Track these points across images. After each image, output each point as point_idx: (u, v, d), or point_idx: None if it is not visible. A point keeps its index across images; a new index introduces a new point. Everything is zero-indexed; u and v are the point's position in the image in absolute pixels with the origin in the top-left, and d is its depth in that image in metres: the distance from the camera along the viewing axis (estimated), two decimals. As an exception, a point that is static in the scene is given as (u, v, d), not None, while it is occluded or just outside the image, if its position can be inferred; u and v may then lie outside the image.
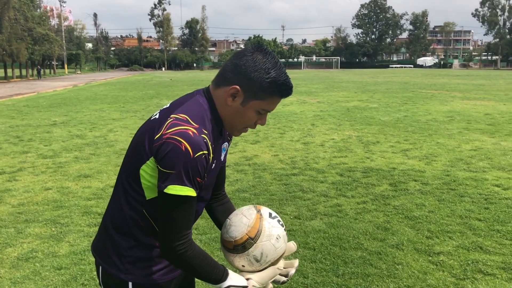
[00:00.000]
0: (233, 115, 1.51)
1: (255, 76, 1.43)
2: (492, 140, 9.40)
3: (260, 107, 1.48)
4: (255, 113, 1.50)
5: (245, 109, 1.48)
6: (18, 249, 4.16)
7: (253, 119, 1.52)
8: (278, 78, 1.45)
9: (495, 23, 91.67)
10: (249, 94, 1.46)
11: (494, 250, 3.99)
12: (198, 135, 1.38)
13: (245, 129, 1.57)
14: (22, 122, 12.92)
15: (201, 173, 1.40)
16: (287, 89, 1.49)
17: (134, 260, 1.54)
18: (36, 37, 48.04)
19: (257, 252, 1.54)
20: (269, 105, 1.50)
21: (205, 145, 1.39)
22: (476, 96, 20.50)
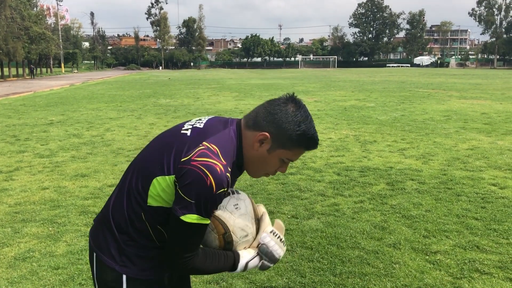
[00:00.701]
0: (256, 160, 1.55)
1: (286, 127, 1.49)
2: (489, 139, 9.43)
3: (285, 156, 1.53)
4: (278, 161, 1.55)
5: (270, 157, 1.53)
6: (15, 248, 4.15)
7: (275, 167, 1.57)
8: (307, 132, 1.51)
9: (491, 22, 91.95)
10: (277, 143, 1.51)
11: (490, 249, 4.00)
12: (224, 173, 1.42)
13: (266, 175, 1.61)
14: (19, 121, 12.88)
15: (217, 206, 1.48)
16: (314, 144, 1.55)
17: (131, 255, 1.56)
18: (32, 36, 47.85)
19: (240, 232, 1.57)
20: (293, 156, 1.55)
21: (227, 183, 1.43)
22: (473, 95, 20.56)
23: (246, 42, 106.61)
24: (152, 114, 14.37)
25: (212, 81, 36.59)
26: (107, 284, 1.57)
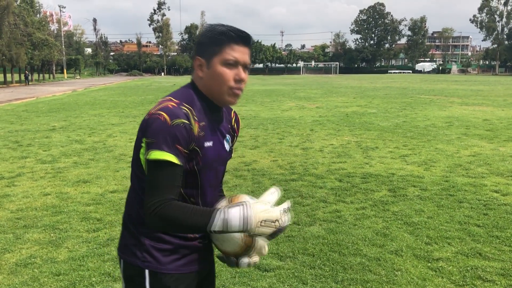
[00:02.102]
0: (209, 83, 1.59)
1: (205, 38, 1.57)
2: (491, 145, 9.41)
3: (222, 58, 1.55)
4: (223, 67, 1.55)
5: (213, 70, 1.56)
6: (17, 255, 4.15)
7: (226, 74, 1.56)
8: (222, 28, 1.55)
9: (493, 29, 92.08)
10: (208, 56, 1.57)
11: (493, 257, 3.99)
12: (177, 107, 1.51)
13: (231, 90, 1.59)
14: (21, 127, 12.91)
15: (181, 141, 1.48)
16: (235, 31, 1.55)
17: (150, 249, 1.60)
18: (35, 42, 48.10)
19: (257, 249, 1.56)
20: (229, 54, 1.55)
21: (184, 116, 1.50)
22: (475, 101, 20.55)
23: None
24: (154, 120, 14.36)
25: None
26: (133, 279, 1.63)
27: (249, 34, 1.59)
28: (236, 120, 1.83)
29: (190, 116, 1.51)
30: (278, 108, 18.35)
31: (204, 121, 1.57)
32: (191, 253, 1.65)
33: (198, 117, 1.55)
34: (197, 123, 1.54)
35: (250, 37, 1.59)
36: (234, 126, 1.82)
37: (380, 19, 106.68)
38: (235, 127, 1.82)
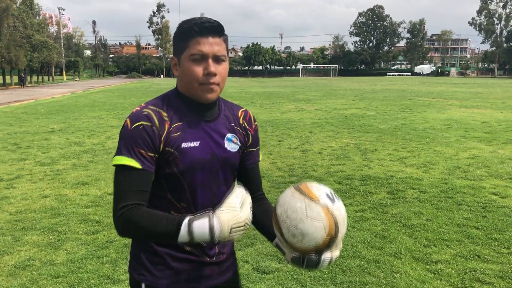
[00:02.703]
0: (183, 81, 1.54)
1: (175, 35, 1.54)
2: (490, 148, 9.43)
3: (189, 54, 1.48)
4: (191, 62, 1.48)
5: (183, 67, 1.51)
6: (15, 257, 4.14)
7: (194, 70, 1.48)
8: (185, 22, 1.50)
9: (491, 31, 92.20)
10: (178, 54, 1.52)
11: (491, 259, 3.99)
12: (140, 110, 1.49)
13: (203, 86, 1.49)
14: (20, 129, 12.91)
15: (142, 144, 1.44)
16: (198, 24, 1.47)
17: (145, 262, 1.58)
18: (35, 44, 48.13)
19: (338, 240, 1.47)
20: (194, 48, 1.48)
21: (145, 117, 1.46)
22: (474, 104, 20.59)
23: (247, 51, 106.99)
24: (153, 122, 14.38)
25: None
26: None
27: (216, 22, 1.49)
28: (245, 118, 1.71)
29: (153, 117, 1.47)
30: (277, 110, 18.36)
31: (182, 121, 1.52)
32: (192, 269, 1.58)
33: (173, 118, 1.51)
34: (168, 123, 1.49)
35: (216, 26, 1.48)
36: (244, 124, 1.69)
37: (379, 22, 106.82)
38: (245, 126, 1.69)
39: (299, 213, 1.43)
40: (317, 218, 1.41)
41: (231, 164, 1.63)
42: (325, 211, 1.42)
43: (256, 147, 1.73)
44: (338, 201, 1.47)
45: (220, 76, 1.51)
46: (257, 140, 1.75)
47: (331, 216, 1.42)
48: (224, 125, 1.61)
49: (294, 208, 1.44)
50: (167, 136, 1.48)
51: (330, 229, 1.42)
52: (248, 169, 1.72)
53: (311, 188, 1.48)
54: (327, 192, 1.47)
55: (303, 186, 1.50)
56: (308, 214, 1.42)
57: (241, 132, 1.67)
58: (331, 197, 1.46)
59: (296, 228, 1.43)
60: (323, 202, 1.43)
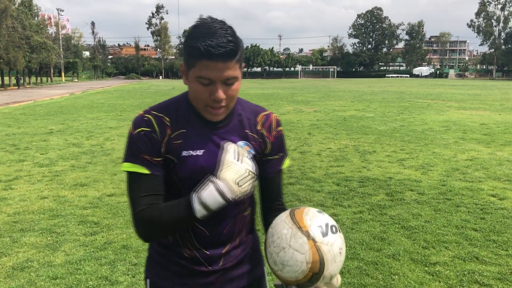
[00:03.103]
0: (190, 93, 1.44)
1: (184, 43, 1.39)
2: (488, 150, 9.44)
3: (195, 75, 1.35)
4: (197, 84, 1.36)
5: (190, 83, 1.40)
6: (14, 258, 4.14)
7: (200, 92, 1.37)
8: (197, 40, 1.32)
9: (490, 33, 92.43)
10: (187, 66, 1.39)
11: (490, 261, 3.99)
12: (141, 116, 1.46)
13: (208, 108, 1.41)
14: (19, 130, 12.89)
15: (143, 149, 1.41)
16: (206, 47, 1.30)
17: (152, 262, 1.60)
18: (33, 45, 48.12)
19: (325, 279, 1.35)
20: (200, 71, 1.33)
21: (145, 123, 1.43)
22: (472, 106, 20.62)
23: (246, 52, 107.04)
24: (152, 123, 14.37)
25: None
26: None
27: (230, 46, 1.32)
28: (265, 124, 1.57)
29: (153, 123, 1.43)
30: (276, 111, 18.36)
31: (186, 128, 1.45)
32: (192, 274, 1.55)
33: (176, 124, 1.45)
34: (169, 129, 1.44)
35: (229, 52, 1.31)
36: (262, 131, 1.55)
37: (378, 24, 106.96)
38: (262, 132, 1.55)
39: (283, 240, 1.35)
40: (300, 250, 1.31)
41: None
42: (311, 244, 1.31)
43: (277, 155, 1.60)
44: (334, 235, 1.35)
45: (229, 98, 1.40)
46: (280, 148, 1.61)
47: (316, 251, 1.31)
48: (236, 132, 1.51)
49: (280, 234, 1.37)
50: (168, 142, 1.43)
51: (313, 265, 1.31)
52: (269, 178, 1.61)
53: (305, 215, 1.38)
54: (321, 223, 1.35)
55: (299, 211, 1.41)
56: (291, 244, 1.33)
57: (256, 139, 1.54)
58: (323, 229, 1.34)
59: (278, 255, 1.35)
60: (312, 234, 1.32)
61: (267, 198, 1.65)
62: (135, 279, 3.69)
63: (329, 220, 1.39)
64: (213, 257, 1.54)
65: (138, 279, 3.70)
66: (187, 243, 1.52)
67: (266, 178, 1.61)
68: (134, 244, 4.40)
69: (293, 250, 1.32)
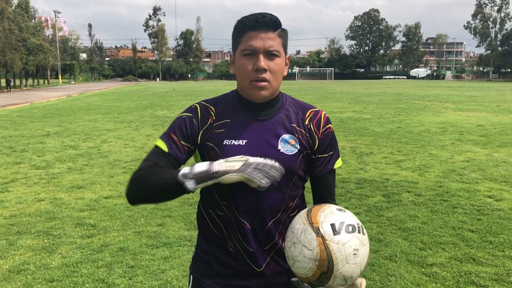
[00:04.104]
0: (237, 77, 1.52)
1: (232, 33, 1.52)
2: (485, 151, 9.47)
3: (241, 49, 1.47)
4: (243, 58, 1.46)
5: (236, 63, 1.50)
6: (10, 261, 4.12)
7: (245, 66, 1.45)
8: (242, 19, 1.48)
9: (486, 35, 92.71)
10: (234, 50, 1.52)
11: (486, 262, 4.00)
12: (192, 105, 1.58)
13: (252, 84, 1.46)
14: (15, 132, 12.86)
15: (177, 131, 1.51)
16: (250, 17, 1.45)
17: (197, 258, 1.66)
18: (30, 47, 48.06)
19: (339, 280, 1.30)
20: (245, 43, 1.45)
21: (190, 110, 1.55)
22: (469, 107, 20.68)
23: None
24: (149, 125, 14.38)
25: (210, 93, 36.68)
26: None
27: (270, 16, 1.44)
28: (313, 119, 1.57)
29: (198, 110, 1.54)
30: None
31: (230, 118, 1.51)
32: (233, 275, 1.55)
33: (221, 114, 1.53)
34: (212, 118, 1.52)
35: (269, 21, 1.43)
36: (310, 126, 1.55)
37: (375, 25, 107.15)
38: (310, 127, 1.55)
39: (295, 235, 1.34)
40: (308, 246, 1.29)
41: (286, 168, 1.44)
42: (319, 241, 1.27)
43: (327, 153, 1.59)
44: (349, 234, 1.29)
45: (272, 73, 1.45)
46: (330, 146, 1.60)
47: (325, 249, 1.27)
48: (282, 124, 1.53)
49: (294, 229, 1.36)
50: (207, 130, 1.51)
51: (321, 263, 1.27)
52: (319, 177, 1.60)
53: (321, 211, 1.35)
54: (335, 221, 1.30)
55: (317, 207, 1.38)
56: (300, 239, 1.31)
57: (303, 134, 1.54)
58: (337, 227, 1.29)
59: (290, 250, 1.34)
60: (322, 231, 1.29)
61: (318, 198, 1.64)
62: (132, 282, 3.69)
63: (348, 219, 1.34)
64: (256, 255, 1.52)
65: (134, 281, 3.69)
66: (231, 237, 1.53)
67: (316, 177, 1.61)
68: (131, 247, 4.39)
69: (302, 246, 1.30)
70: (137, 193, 1.46)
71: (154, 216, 5.27)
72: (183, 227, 4.92)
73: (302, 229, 1.32)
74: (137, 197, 1.47)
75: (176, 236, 4.65)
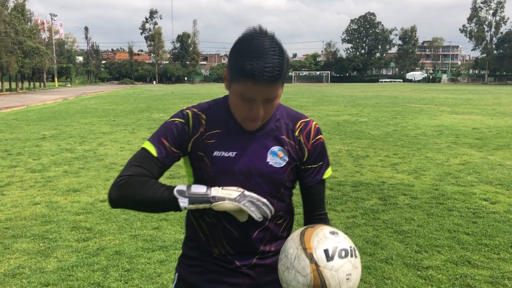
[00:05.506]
0: (230, 103, 1.47)
1: (230, 55, 1.40)
2: (480, 154, 9.51)
3: (238, 90, 1.37)
4: (238, 98, 1.39)
5: (231, 94, 1.43)
6: (5, 265, 4.11)
7: (240, 106, 1.40)
8: (246, 62, 1.32)
9: (482, 38, 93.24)
10: (230, 76, 1.40)
11: (482, 264, 4.02)
12: (182, 110, 1.53)
13: (246, 121, 1.44)
14: (11, 135, 12.81)
15: (169, 136, 1.47)
16: (254, 72, 1.31)
17: (184, 255, 1.66)
18: (26, 50, 47.86)
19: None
20: (244, 90, 1.35)
21: (182, 116, 1.50)
22: (464, 110, 20.76)
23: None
24: (145, 128, 14.36)
25: (206, 96, 36.68)
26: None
27: (278, 69, 1.33)
28: (303, 131, 1.55)
29: (190, 117, 1.49)
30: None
31: (221, 129, 1.48)
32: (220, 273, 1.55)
33: (212, 124, 1.49)
34: (203, 127, 1.48)
35: (276, 76, 1.33)
36: (299, 138, 1.54)
37: (371, 29, 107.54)
38: (300, 139, 1.54)
39: (288, 259, 1.35)
40: (302, 272, 1.30)
41: (273, 180, 1.51)
42: (313, 267, 1.28)
43: (317, 164, 1.58)
44: (341, 260, 1.30)
45: (267, 114, 1.43)
46: (319, 156, 1.58)
47: (318, 276, 1.28)
48: (272, 136, 1.51)
49: (287, 252, 1.37)
50: (198, 139, 1.48)
51: (316, 281, 1.28)
52: (308, 187, 1.61)
53: (314, 235, 1.35)
54: (328, 247, 1.31)
55: (310, 230, 1.39)
56: (294, 265, 1.32)
57: (293, 146, 1.53)
58: (330, 253, 1.30)
59: (283, 274, 1.36)
60: (316, 257, 1.29)
61: (308, 208, 1.67)
62: (128, 285, 3.68)
63: (340, 243, 1.34)
64: (241, 259, 1.55)
65: (130, 285, 3.68)
66: (217, 243, 1.54)
67: (306, 187, 1.62)
68: (127, 250, 4.38)
69: (296, 272, 1.31)
70: (124, 198, 1.41)
71: (150, 220, 5.26)
72: (179, 231, 4.91)
73: (296, 255, 1.33)
74: (122, 202, 1.42)
75: (172, 240, 4.65)
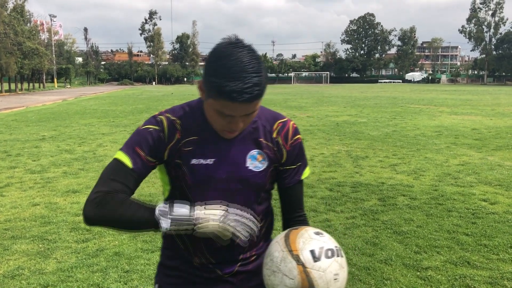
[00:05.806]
0: (206, 113, 1.39)
1: (207, 74, 1.29)
2: (479, 155, 9.51)
3: (215, 107, 1.30)
4: (215, 113, 1.32)
5: (207, 107, 1.36)
6: (4, 266, 4.10)
7: (218, 119, 1.34)
8: (223, 83, 1.23)
9: (481, 39, 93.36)
10: (206, 90, 1.32)
11: (481, 265, 4.02)
12: (154, 116, 1.44)
13: (225, 132, 1.40)
14: (10, 136, 12.81)
15: (144, 145, 1.39)
16: (231, 94, 1.23)
17: (163, 265, 1.61)
18: (25, 51, 47.86)
19: None
20: (221, 108, 1.28)
21: (156, 122, 1.42)
22: (464, 111, 20.78)
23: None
24: (144, 129, 14.33)
25: (205, 97, 36.61)
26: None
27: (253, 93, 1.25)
28: (281, 132, 1.51)
29: (164, 124, 1.41)
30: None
31: (198, 135, 1.42)
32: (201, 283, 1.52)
33: (188, 130, 1.42)
34: (179, 134, 1.41)
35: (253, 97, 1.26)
36: (277, 139, 1.50)
37: (370, 30, 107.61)
38: (278, 141, 1.50)
39: (274, 263, 1.31)
40: (289, 275, 1.27)
41: (254, 185, 1.47)
42: (300, 269, 1.26)
43: (295, 165, 1.54)
44: (328, 260, 1.29)
45: (245, 125, 1.38)
46: (298, 157, 1.54)
47: (306, 277, 1.25)
48: (250, 140, 1.46)
49: (272, 256, 1.33)
50: (174, 147, 1.41)
51: (304, 282, 1.25)
52: (287, 188, 1.56)
53: (299, 237, 1.33)
54: (314, 247, 1.29)
55: (294, 232, 1.36)
56: (281, 268, 1.29)
57: (271, 148, 1.49)
58: (316, 254, 1.28)
59: (269, 278, 1.32)
60: (302, 259, 1.27)
61: (287, 210, 1.60)
62: (127, 286, 3.68)
63: (326, 243, 1.32)
64: (222, 266, 1.51)
65: (130, 286, 3.68)
66: (197, 252, 1.50)
67: (284, 189, 1.57)
68: (126, 251, 4.38)
69: (282, 275, 1.28)
70: (101, 217, 1.34)
71: (150, 221, 5.25)
72: (179, 232, 4.90)
73: (282, 257, 1.30)
74: (99, 221, 1.35)
75: (172, 241, 4.64)
